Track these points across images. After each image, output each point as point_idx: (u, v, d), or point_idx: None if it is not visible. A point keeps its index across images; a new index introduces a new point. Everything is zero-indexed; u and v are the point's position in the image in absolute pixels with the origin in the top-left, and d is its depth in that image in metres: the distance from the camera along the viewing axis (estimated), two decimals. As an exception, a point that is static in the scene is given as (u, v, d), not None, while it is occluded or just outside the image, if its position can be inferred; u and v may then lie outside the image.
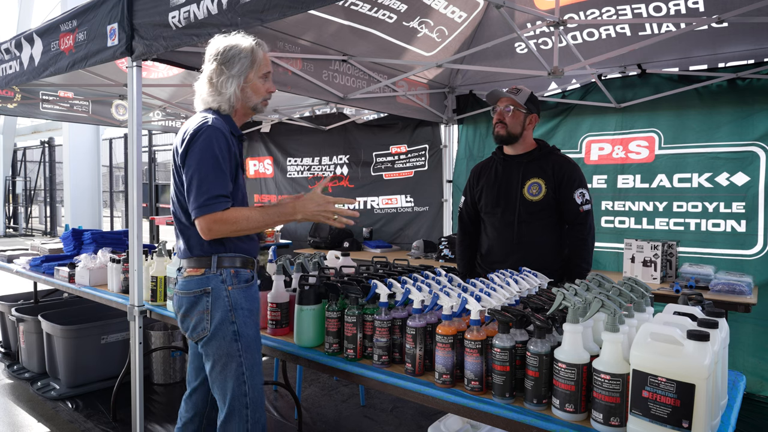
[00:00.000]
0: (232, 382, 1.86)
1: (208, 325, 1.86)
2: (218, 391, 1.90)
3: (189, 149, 1.81)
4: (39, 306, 4.22)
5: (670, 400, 1.23)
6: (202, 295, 1.87)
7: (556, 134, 4.45)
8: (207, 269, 1.88)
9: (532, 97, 2.60)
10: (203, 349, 1.90)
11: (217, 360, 1.87)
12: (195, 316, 1.88)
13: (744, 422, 2.48)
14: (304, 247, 5.77)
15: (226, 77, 1.90)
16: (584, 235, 2.54)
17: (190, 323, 1.90)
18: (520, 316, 1.57)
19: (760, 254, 3.61)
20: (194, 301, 1.88)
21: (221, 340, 1.86)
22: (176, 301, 1.94)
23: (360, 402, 3.62)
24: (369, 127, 5.74)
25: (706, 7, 3.25)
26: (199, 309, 1.87)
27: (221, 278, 1.88)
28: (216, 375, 1.89)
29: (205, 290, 1.87)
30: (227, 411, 1.87)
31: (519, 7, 2.89)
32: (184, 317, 1.91)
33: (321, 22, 3.45)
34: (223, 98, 1.91)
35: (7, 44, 3.40)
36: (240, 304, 1.89)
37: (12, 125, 15.15)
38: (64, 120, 5.40)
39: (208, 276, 1.87)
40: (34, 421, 3.34)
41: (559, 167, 2.55)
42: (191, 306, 1.89)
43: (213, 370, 1.89)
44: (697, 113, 3.84)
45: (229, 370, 1.86)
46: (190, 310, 1.89)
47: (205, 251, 1.89)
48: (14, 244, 11.91)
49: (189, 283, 1.89)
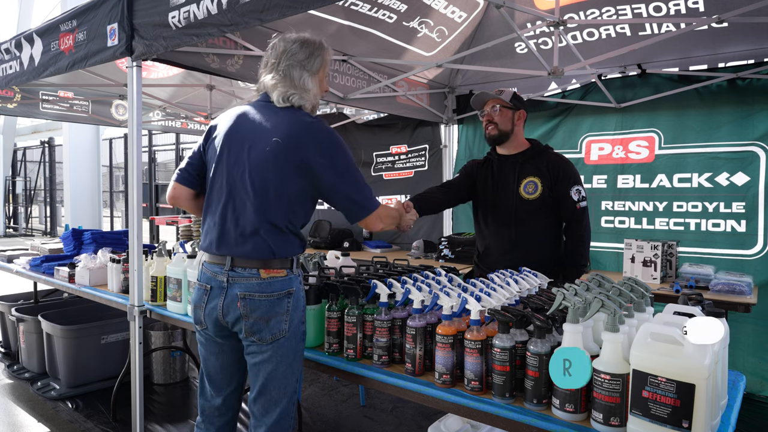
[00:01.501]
0: (293, 381, 1.85)
1: (286, 327, 1.79)
2: (275, 391, 1.82)
3: (336, 152, 1.80)
4: (39, 306, 4.22)
5: (670, 400, 1.23)
6: (285, 297, 1.80)
7: (556, 134, 4.45)
8: (289, 270, 1.82)
9: (516, 95, 2.63)
10: (270, 349, 1.79)
11: (286, 360, 1.82)
12: (273, 318, 1.78)
13: (744, 422, 2.48)
14: (304, 247, 5.76)
15: (308, 74, 1.86)
16: (581, 232, 2.55)
17: (264, 325, 1.77)
18: (520, 316, 1.57)
19: (760, 254, 3.61)
20: (276, 303, 1.79)
21: (293, 339, 1.82)
22: (246, 305, 1.77)
23: (360, 402, 3.62)
24: (369, 127, 5.74)
25: (706, 7, 3.25)
26: (280, 310, 1.79)
27: (299, 279, 1.87)
28: (281, 374, 1.81)
29: (290, 291, 1.81)
30: (282, 408, 1.83)
31: (519, 7, 2.89)
32: (259, 319, 1.77)
33: (321, 22, 3.45)
34: (312, 95, 1.89)
35: (7, 44, 3.40)
36: (305, 303, 1.92)
37: (12, 125, 15.15)
38: (64, 120, 5.40)
39: (290, 277, 1.82)
40: (34, 421, 3.34)
41: (554, 165, 2.57)
42: (272, 308, 1.78)
43: (276, 370, 1.80)
44: (697, 113, 3.84)
45: (293, 369, 1.84)
46: (269, 312, 1.78)
47: (285, 252, 1.81)
48: (14, 244, 11.91)
49: (272, 284, 1.78)
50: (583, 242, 2.57)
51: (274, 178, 1.77)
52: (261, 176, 1.77)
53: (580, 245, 2.56)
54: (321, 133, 1.80)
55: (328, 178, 1.79)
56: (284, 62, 1.84)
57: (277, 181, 1.77)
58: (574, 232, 2.56)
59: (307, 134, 1.79)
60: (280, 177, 1.77)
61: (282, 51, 1.85)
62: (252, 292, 1.77)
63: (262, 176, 1.77)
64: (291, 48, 1.85)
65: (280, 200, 1.78)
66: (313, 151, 1.77)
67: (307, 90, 1.86)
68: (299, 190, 1.80)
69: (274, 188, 1.77)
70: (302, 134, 1.78)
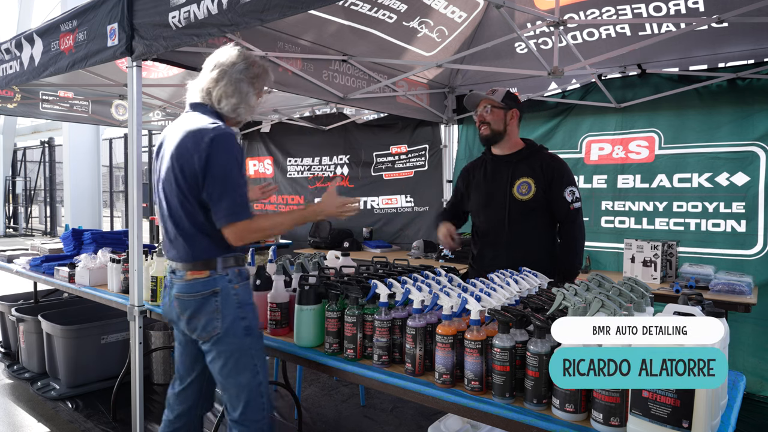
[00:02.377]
0: (247, 375, 1.91)
1: (219, 324, 1.89)
2: (232, 387, 1.92)
3: (211, 155, 1.81)
4: (39, 306, 4.22)
5: (670, 400, 1.23)
6: (211, 297, 1.90)
7: (556, 134, 4.45)
8: (212, 271, 1.91)
9: (509, 94, 2.63)
10: (212, 347, 1.91)
11: (230, 356, 1.90)
12: (204, 317, 1.90)
13: (744, 422, 2.48)
14: (304, 247, 5.77)
15: (249, 90, 1.97)
16: (574, 232, 2.54)
17: (198, 324, 1.91)
18: (520, 316, 1.57)
19: (760, 254, 3.61)
20: (202, 302, 1.90)
21: (233, 336, 1.90)
22: (178, 305, 1.94)
23: (360, 402, 3.62)
24: (369, 127, 5.74)
25: (706, 7, 3.25)
26: (209, 309, 1.89)
27: (227, 278, 1.92)
28: (228, 371, 1.91)
29: (214, 291, 1.90)
30: (245, 402, 1.91)
31: (519, 7, 2.89)
32: (191, 319, 1.92)
33: (321, 22, 3.45)
34: (245, 109, 1.98)
35: (7, 44, 3.40)
36: (246, 300, 1.96)
37: (12, 125, 15.16)
38: (64, 120, 5.41)
39: (214, 278, 1.91)
40: (34, 421, 3.34)
41: (548, 165, 2.55)
42: (199, 307, 1.90)
43: (224, 367, 1.91)
44: (697, 113, 3.84)
45: (242, 364, 1.91)
46: (197, 311, 1.90)
47: (210, 253, 1.91)
48: (14, 244, 11.90)
49: (195, 285, 1.91)
50: (576, 243, 2.55)
51: (178, 180, 1.87)
52: (169, 184, 1.91)
53: (574, 246, 2.55)
54: (208, 131, 1.85)
55: (208, 176, 1.83)
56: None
57: (183, 182, 1.86)
58: (567, 233, 2.55)
59: (196, 133, 1.86)
60: (183, 178, 1.86)
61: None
62: (181, 293, 1.93)
63: (169, 184, 1.91)
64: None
65: (183, 206, 1.88)
66: (193, 146, 1.84)
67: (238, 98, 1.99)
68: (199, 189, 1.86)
69: (177, 190, 1.88)
70: (188, 141, 1.86)
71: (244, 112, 2.00)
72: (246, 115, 2.03)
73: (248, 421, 1.92)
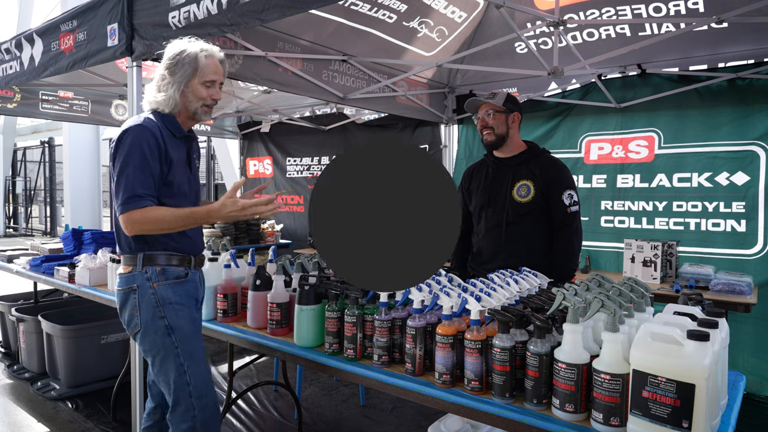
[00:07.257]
0: (173, 374, 1.94)
1: (138, 321, 1.95)
2: (162, 384, 1.99)
3: (117, 149, 1.89)
4: (39, 306, 4.21)
5: (670, 400, 1.23)
6: (130, 293, 1.96)
7: (556, 134, 4.45)
8: (133, 267, 1.97)
9: (510, 97, 2.63)
10: (139, 344, 1.99)
11: (155, 354, 1.96)
12: (126, 312, 1.98)
13: (744, 422, 2.48)
14: (304, 247, 5.77)
15: (170, 80, 1.98)
16: (570, 236, 2.54)
17: (124, 318, 2.00)
18: (520, 316, 1.57)
19: (760, 254, 3.61)
20: (124, 297, 1.98)
21: (153, 335, 1.94)
22: (116, 297, 2.04)
23: (360, 402, 3.62)
24: (369, 127, 5.74)
25: (706, 7, 3.25)
26: (129, 305, 1.96)
27: (146, 276, 1.95)
28: (156, 369, 1.98)
29: (132, 287, 1.96)
30: (173, 402, 1.96)
31: (519, 7, 2.89)
32: (120, 313, 2.01)
33: (321, 21, 3.45)
34: (164, 99, 1.99)
35: (7, 44, 3.40)
36: (168, 299, 1.96)
37: (12, 125, 15.15)
38: (64, 120, 5.40)
39: (133, 274, 1.96)
40: (34, 421, 3.34)
41: (548, 169, 2.57)
42: (123, 303, 1.98)
43: (153, 364, 1.99)
44: (697, 113, 3.84)
45: (167, 363, 1.94)
46: (122, 307, 1.99)
47: (132, 250, 1.97)
48: (14, 244, 11.91)
49: (120, 280, 1.99)
50: (572, 246, 2.55)
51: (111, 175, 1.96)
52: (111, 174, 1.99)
53: (569, 249, 2.54)
54: (122, 127, 1.94)
55: (114, 169, 1.91)
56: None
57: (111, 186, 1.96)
58: (563, 236, 2.55)
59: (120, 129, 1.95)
60: (110, 181, 1.96)
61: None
62: (115, 285, 2.03)
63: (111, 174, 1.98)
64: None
65: (112, 203, 1.95)
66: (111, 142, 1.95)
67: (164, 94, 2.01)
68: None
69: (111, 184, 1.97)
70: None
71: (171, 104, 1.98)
72: (174, 107, 1.99)
73: (176, 420, 1.95)
